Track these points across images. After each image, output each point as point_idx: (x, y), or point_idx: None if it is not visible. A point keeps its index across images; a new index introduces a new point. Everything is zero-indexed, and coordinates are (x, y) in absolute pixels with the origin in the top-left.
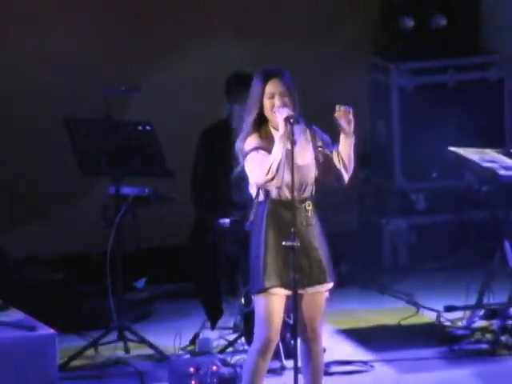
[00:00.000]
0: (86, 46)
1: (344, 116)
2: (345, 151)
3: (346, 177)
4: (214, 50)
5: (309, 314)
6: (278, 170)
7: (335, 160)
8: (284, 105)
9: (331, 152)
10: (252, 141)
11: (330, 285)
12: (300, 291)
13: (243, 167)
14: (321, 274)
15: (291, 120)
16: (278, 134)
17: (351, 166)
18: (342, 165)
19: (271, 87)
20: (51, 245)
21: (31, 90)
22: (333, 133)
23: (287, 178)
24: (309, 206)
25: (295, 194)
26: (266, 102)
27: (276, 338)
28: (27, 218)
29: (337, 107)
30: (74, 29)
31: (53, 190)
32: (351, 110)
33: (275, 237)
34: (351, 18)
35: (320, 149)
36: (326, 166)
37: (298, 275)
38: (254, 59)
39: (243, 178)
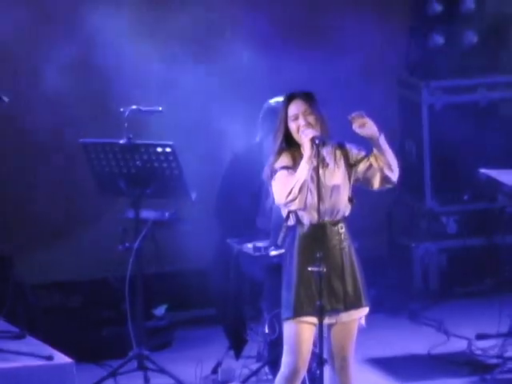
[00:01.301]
0: (103, 68)
1: (360, 121)
2: (380, 151)
3: (392, 175)
4: (238, 64)
5: (340, 342)
6: (300, 192)
7: (374, 164)
8: (308, 124)
9: (368, 159)
10: (283, 160)
11: (366, 310)
12: (332, 320)
13: (273, 195)
14: (356, 298)
15: (317, 141)
16: (304, 155)
17: (394, 162)
18: (384, 164)
19: (293, 108)
20: (69, 269)
21: (48, 111)
22: (365, 143)
23: (316, 201)
24: (342, 228)
25: (327, 218)
26: (292, 125)
27: (304, 366)
28: (44, 242)
29: (349, 118)
30: (89, 51)
31: (70, 214)
32: (363, 113)
33: (306, 262)
34: (380, 34)
35: (355, 166)
36: (369, 174)
37: (331, 301)
38: (279, 74)
39: (271, 208)
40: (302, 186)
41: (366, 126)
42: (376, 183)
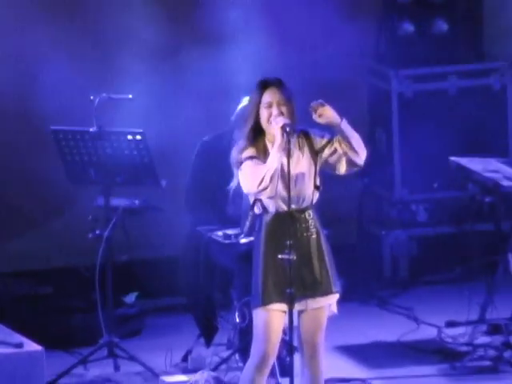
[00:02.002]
0: (73, 55)
1: (320, 110)
2: (343, 136)
3: (358, 158)
4: (213, 56)
5: (310, 330)
6: (271, 180)
7: (339, 149)
8: (281, 114)
9: (332, 144)
10: (248, 151)
11: (336, 296)
12: (301, 307)
13: (239, 180)
14: (325, 285)
15: (287, 129)
16: (275, 143)
17: (359, 145)
18: (348, 149)
19: (268, 96)
20: (38, 258)
21: (17, 100)
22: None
23: (282, 190)
24: (309, 215)
25: (294, 205)
26: (263, 112)
27: (274, 353)
28: (13, 230)
29: (310, 108)
30: (63, 38)
31: (40, 202)
32: (322, 101)
33: (274, 250)
34: (350, 23)
35: (320, 152)
36: (334, 159)
37: (299, 288)
38: (251, 65)
39: (238, 193)
40: (274, 175)
41: (326, 115)
42: (342, 168)
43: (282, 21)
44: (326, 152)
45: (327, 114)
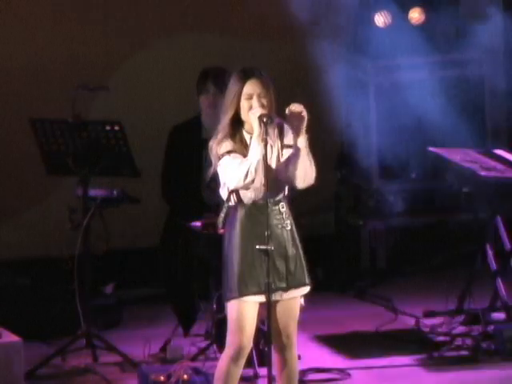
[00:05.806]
0: (51, 45)
1: (296, 114)
2: (295, 157)
3: (299, 181)
4: (185, 45)
5: (284, 320)
6: (256, 172)
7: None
8: (262, 106)
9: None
10: (226, 145)
11: (307, 288)
12: (276, 298)
13: (216, 169)
14: (299, 277)
15: (264, 119)
16: (254, 134)
17: (305, 171)
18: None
19: (250, 88)
20: (16, 248)
21: None
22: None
23: (259, 180)
24: (283, 207)
25: (268, 196)
26: (244, 103)
27: (249, 344)
28: None
29: (292, 106)
30: (37, 28)
31: (18, 192)
32: (302, 107)
33: (250, 242)
34: (328, 14)
35: (283, 149)
36: (283, 164)
37: (275, 279)
38: (228, 55)
39: (215, 180)
40: (257, 166)
41: (303, 121)
42: (281, 175)
43: (262, 8)
44: (285, 155)
45: (304, 118)
